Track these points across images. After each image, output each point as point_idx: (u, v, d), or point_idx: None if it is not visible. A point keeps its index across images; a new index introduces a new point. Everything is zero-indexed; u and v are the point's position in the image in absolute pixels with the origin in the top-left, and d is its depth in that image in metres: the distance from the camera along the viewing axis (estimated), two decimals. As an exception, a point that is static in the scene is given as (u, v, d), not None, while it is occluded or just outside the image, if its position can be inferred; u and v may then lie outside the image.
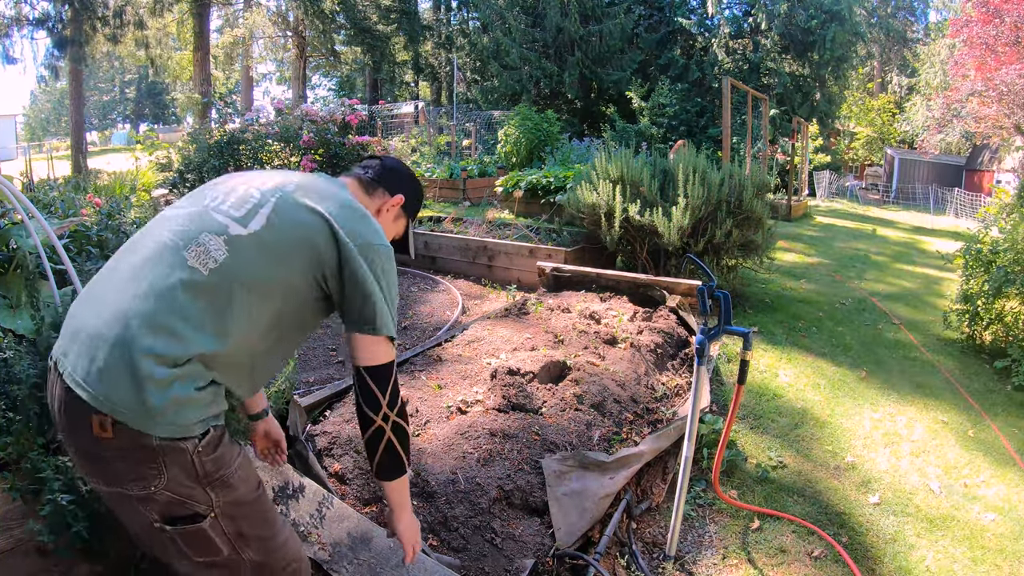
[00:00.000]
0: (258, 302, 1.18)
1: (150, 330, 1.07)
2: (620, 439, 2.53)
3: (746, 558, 2.13)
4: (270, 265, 1.18)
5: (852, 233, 10.19)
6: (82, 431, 1.06)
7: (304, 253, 1.21)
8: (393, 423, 1.27)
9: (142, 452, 1.06)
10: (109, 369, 1.05)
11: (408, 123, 18.59)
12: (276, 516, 1.30)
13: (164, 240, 1.17)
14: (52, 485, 1.48)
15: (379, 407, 1.25)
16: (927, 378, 3.83)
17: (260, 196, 1.24)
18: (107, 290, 1.15)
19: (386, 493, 1.36)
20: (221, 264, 1.14)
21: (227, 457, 1.16)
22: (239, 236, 1.17)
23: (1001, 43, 13.73)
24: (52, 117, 55.34)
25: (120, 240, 2.99)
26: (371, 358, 1.25)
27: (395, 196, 1.46)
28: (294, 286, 1.22)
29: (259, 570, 1.24)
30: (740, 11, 19.14)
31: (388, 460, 1.29)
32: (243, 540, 1.20)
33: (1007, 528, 2.37)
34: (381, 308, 1.25)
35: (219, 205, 1.22)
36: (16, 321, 2.00)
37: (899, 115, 25.50)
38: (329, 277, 1.24)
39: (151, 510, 1.11)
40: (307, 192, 1.26)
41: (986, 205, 8.47)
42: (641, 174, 4.85)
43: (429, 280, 5.53)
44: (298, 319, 1.29)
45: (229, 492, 1.16)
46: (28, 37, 17.03)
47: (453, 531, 1.87)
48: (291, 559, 1.30)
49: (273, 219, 1.20)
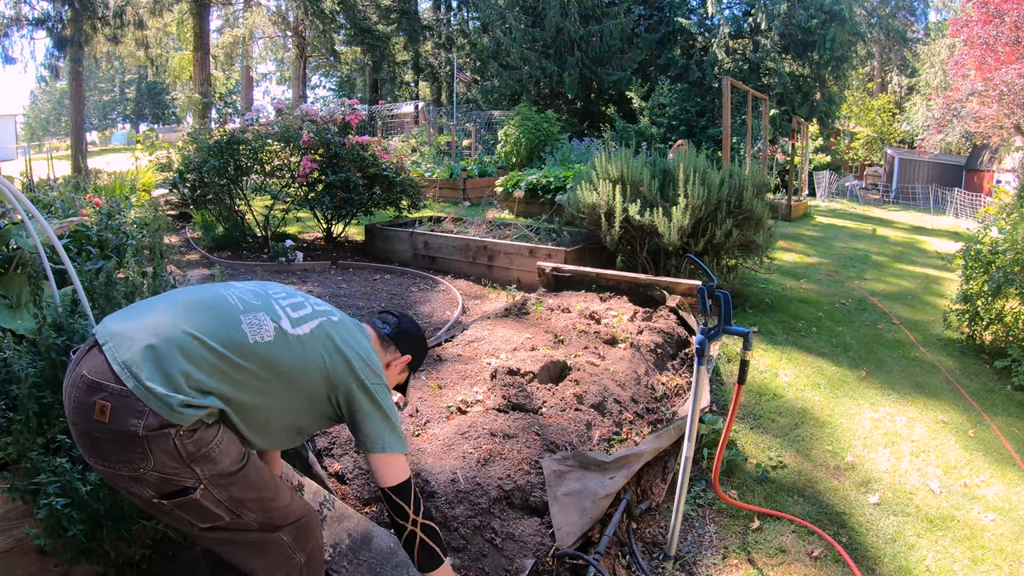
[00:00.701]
0: (283, 386, 1.37)
1: (187, 356, 1.24)
2: (620, 439, 2.53)
3: (746, 558, 2.13)
4: (300, 363, 1.39)
5: (852, 233, 10.19)
6: (86, 413, 1.19)
7: (324, 374, 1.42)
8: (422, 525, 1.45)
9: (129, 439, 1.18)
10: (147, 355, 1.21)
11: (408, 123, 18.59)
12: (270, 480, 1.40)
13: (227, 296, 1.40)
14: (48, 488, 1.48)
15: (407, 516, 1.44)
16: (927, 378, 3.83)
17: (312, 311, 1.50)
18: (162, 307, 1.34)
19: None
20: (266, 343, 1.34)
21: (206, 437, 1.25)
22: (287, 332, 1.39)
23: (1001, 43, 13.71)
24: (52, 117, 55.33)
25: (120, 240, 2.99)
26: (392, 477, 1.44)
27: (405, 356, 1.69)
28: (313, 392, 1.42)
29: (267, 527, 1.38)
30: (740, 11, 19.13)
31: (424, 557, 1.46)
32: (239, 504, 1.32)
33: (1007, 528, 2.37)
34: (387, 429, 1.45)
35: (280, 300, 1.47)
36: (16, 321, 2.00)
37: (899, 115, 25.49)
38: (342, 403, 1.45)
39: (145, 488, 1.24)
40: (340, 331, 1.50)
41: (986, 205, 8.47)
42: (641, 174, 4.85)
43: (429, 280, 5.53)
44: (310, 415, 1.46)
45: (213, 465, 1.26)
46: (28, 37, 17.00)
47: (453, 531, 1.87)
48: (298, 515, 1.44)
49: (316, 333, 1.44)
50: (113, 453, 1.20)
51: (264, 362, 1.33)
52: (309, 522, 1.47)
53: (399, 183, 6.50)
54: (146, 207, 5.54)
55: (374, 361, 1.51)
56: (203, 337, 1.27)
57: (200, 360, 1.25)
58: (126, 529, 1.60)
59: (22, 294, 2.13)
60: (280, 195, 6.47)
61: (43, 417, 1.66)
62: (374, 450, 1.43)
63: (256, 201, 6.99)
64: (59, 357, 1.71)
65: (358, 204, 6.30)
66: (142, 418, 1.17)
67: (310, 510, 1.50)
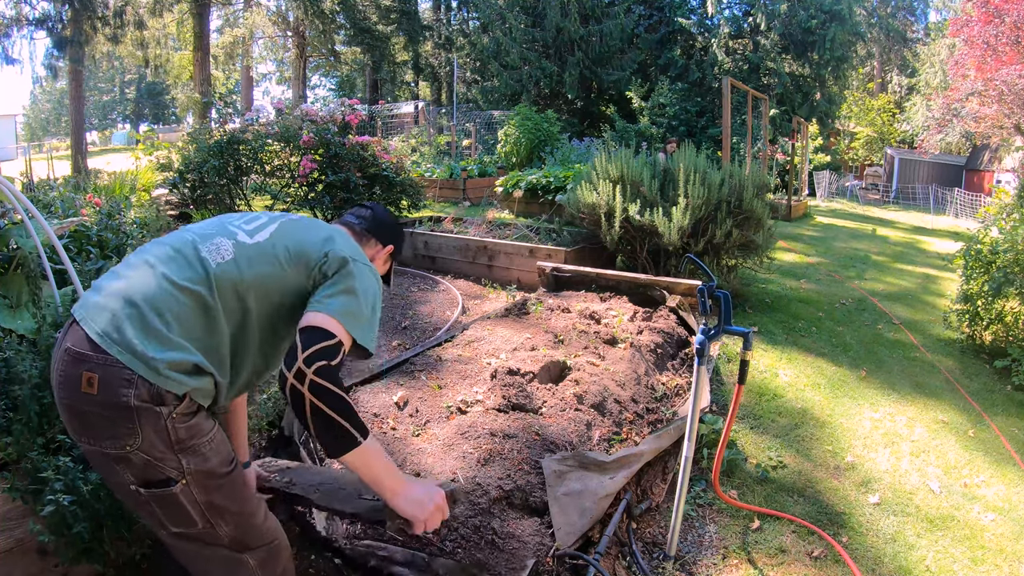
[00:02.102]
0: (256, 300, 1.30)
1: (159, 309, 1.20)
2: (620, 439, 2.53)
3: (746, 558, 2.13)
4: (268, 264, 1.33)
5: (852, 233, 10.19)
6: (73, 385, 1.15)
7: (294, 260, 1.35)
8: (311, 383, 1.12)
9: (120, 411, 1.14)
10: (122, 319, 1.17)
11: (408, 123, 18.59)
12: (252, 496, 1.34)
13: (185, 236, 1.35)
14: (54, 485, 1.48)
15: (294, 362, 1.13)
16: (927, 378, 3.83)
17: (269, 219, 1.43)
18: (130, 266, 1.29)
19: (360, 476, 1.25)
20: (227, 261, 1.29)
21: (200, 427, 1.22)
22: (246, 243, 1.34)
23: (1001, 43, 13.71)
24: (52, 117, 55.32)
25: (120, 240, 2.99)
26: (314, 321, 1.22)
27: (387, 246, 1.61)
28: (287, 288, 1.34)
29: (237, 546, 1.29)
30: (740, 11, 19.12)
31: (322, 429, 1.15)
32: (216, 512, 1.24)
33: (1007, 528, 2.37)
34: (346, 301, 1.28)
35: (235, 221, 1.42)
36: (16, 321, 2.00)
37: (899, 115, 25.48)
38: (319, 281, 1.34)
39: (127, 471, 1.18)
40: (305, 222, 1.46)
41: (986, 205, 8.47)
42: (641, 174, 4.85)
43: (429, 280, 5.53)
44: (287, 327, 1.36)
45: (200, 461, 1.21)
46: (28, 37, 17.02)
47: (453, 531, 1.87)
48: (270, 538, 1.34)
49: (277, 232, 1.39)
50: (102, 428, 1.14)
51: (232, 282, 1.26)
52: (279, 546, 1.37)
53: (399, 183, 6.50)
54: (146, 207, 5.54)
55: (353, 246, 1.42)
56: (173, 280, 1.22)
57: (174, 308, 1.20)
58: (126, 529, 1.60)
59: (22, 294, 2.13)
60: (280, 195, 6.47)
61: (43, 417, 1.66)
62: (317, 309, 1.24)
63: (256, 201, 6.99)
64: (59, 357, 1.71)
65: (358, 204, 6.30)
66: (131, 387, 1.12)
67: (281, 534, 1.39)
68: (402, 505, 1.27)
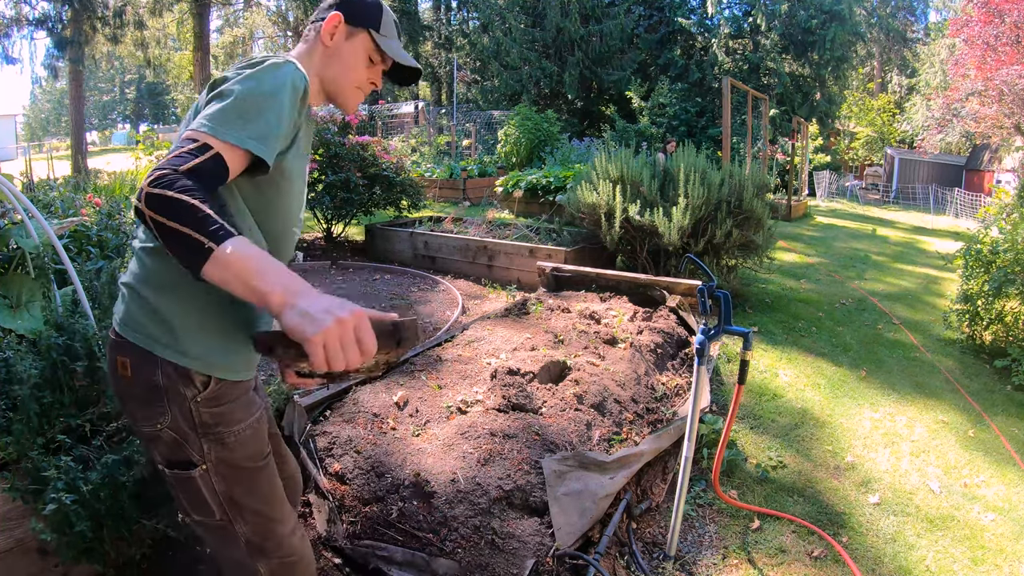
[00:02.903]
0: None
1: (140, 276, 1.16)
2: (620, 439, 2.53)
3: (746, 558, 2.13)
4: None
5: (852, 233, 10.19)
6: (112, 370, 1.17)
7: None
8: (146, 195, 0.89)
9: (151, 391, 1.12)
10: (121, 300, 1.17)
11: (408, 123, 18.59)
12: (281, 500, 1.26)
13: None
14: (56, 484, 1.48)
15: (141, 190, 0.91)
16: (927, 378, 3.83)
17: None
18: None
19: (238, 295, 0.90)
20: None
21: (231, 416, 1.16)
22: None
23: (1001, 43, 13.71)
24: (52, 117, 55.35)
25: (120, 240, 2.99)
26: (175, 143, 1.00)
27: (332, 13, 1.22)
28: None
29: (255, 552, 1.22)
30: (740, 11, 19.12)
31: (175, 247, 0.89)
32: (236, 508, 1.19)
33: (1007, 528, 2.37)
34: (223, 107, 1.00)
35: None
36: (16, 321, 2.00)
37: (899, 115, 25.49)
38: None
39: (158, 451, 1.16)
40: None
41: (986, 205, 8.47)
42: (641, 174, 4.85)
43: (429, 280, 5.53)
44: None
45: (222, 450, 1.16)
46: (28, 37, 17.04)
47: (453, 531, 1.87)
48: (292, 551, 1.26)
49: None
50: (138, 410, 1.15)
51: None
52: (297, 564, 1.27)
53: (399, 183, 6.50)
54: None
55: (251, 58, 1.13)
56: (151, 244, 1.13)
57: (151, 269, 1.13)
58: (126, 529, 1.60)
59: (22, 294, 2.13)
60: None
61: (43, 417, 1.66)
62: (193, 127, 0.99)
63: (256, 201, 6.97)
64: (59, 357, 1.71)
65: (358, 204, 6.30)
66: (158, 366, 1.11)
67: (307, 556, 1.29)
68: (288, 319, 0.86)
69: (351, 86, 1.28)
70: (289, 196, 1.21)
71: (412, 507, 1.94)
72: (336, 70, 1.25)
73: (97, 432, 1.71)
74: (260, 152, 1.01)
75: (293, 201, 1.23)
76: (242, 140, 0.99)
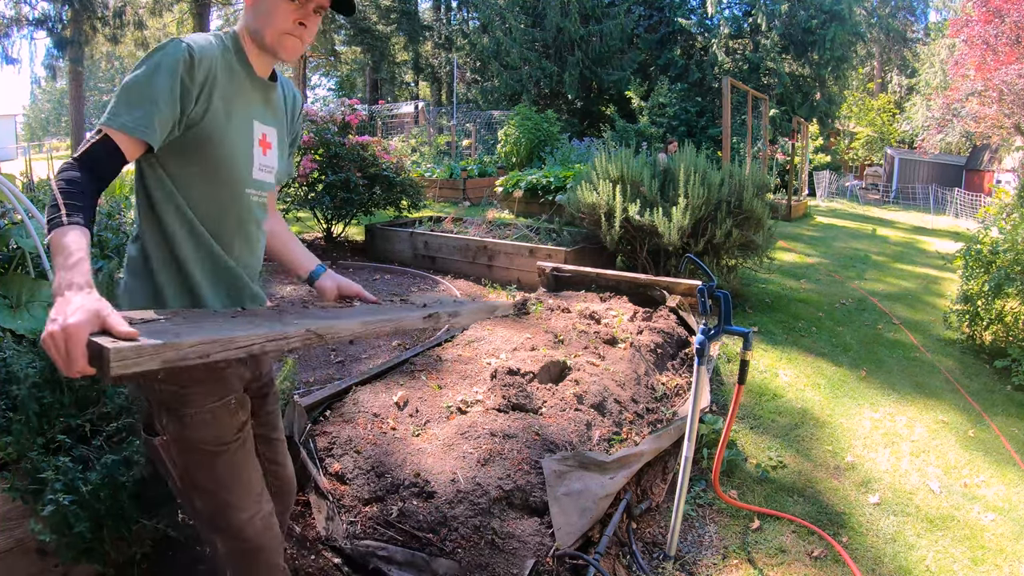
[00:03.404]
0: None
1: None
2: (620, 439, 2.53)
3: (746, 558, 2.13)
4: None
5: (852, 233, 10.19)
6: None
7: None
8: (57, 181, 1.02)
9: None
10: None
11: (408, 123, 18.60)
12: (244, 486, 1.26)
13: None
14: (54, 485, 1.48)
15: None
16: (927, 378, 3.83)
17: None
18: None
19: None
20: None
21: (189, 397, 1.20)
22: None
23: (1001, 43, 13.71)
24: (52, 117, 55.34)
25: (120, 240, 2.99)
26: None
27: None
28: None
29: (209, 526, 1.28)
30: (740, 11, 19.13)
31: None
32: (191, 483, 1.24)
33: (1007, 528, 2.37)
34: (114, 100, 1.11)
35: None
36: (16, 321, 2.00)
37: (899, 115, 25.48)
38: None
39: (145, 414, 1.27)
40: None
41: (986, 205, 8.46)
42: (641, 174, 4.85)
43: (429, 280, 5.53)
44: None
45: (181, 427, 1.21)
46: (28, 37, 17.04)
47: (453, 531, 1.87)
48: (247, 538, 1.26)
49: None
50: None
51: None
52: (256, 551, 1.27)
53: (399, 183, 6.50)
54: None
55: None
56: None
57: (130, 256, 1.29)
58: (126, 529, 1.60)
59: (22, 294, 2.13)
60: (280, 195, 6.47)
61: (43, 417, 1.66)
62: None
63: (256, 201, 6.98)
64: (59, 357, 1.71)
65: (358, 204, 6.30)
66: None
67: (269, 546, 1.29)
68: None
69: (277, 33, 1.24)
70: (227, 160, 1.24)
71: (412, 507, 1.94)
72: (260, 22, 1.23)
73: (97, 432, 1.71)
74: (139, 135, 1.10)
75: (235, 164, 1.26)
76: (123, 125, 1.09)
